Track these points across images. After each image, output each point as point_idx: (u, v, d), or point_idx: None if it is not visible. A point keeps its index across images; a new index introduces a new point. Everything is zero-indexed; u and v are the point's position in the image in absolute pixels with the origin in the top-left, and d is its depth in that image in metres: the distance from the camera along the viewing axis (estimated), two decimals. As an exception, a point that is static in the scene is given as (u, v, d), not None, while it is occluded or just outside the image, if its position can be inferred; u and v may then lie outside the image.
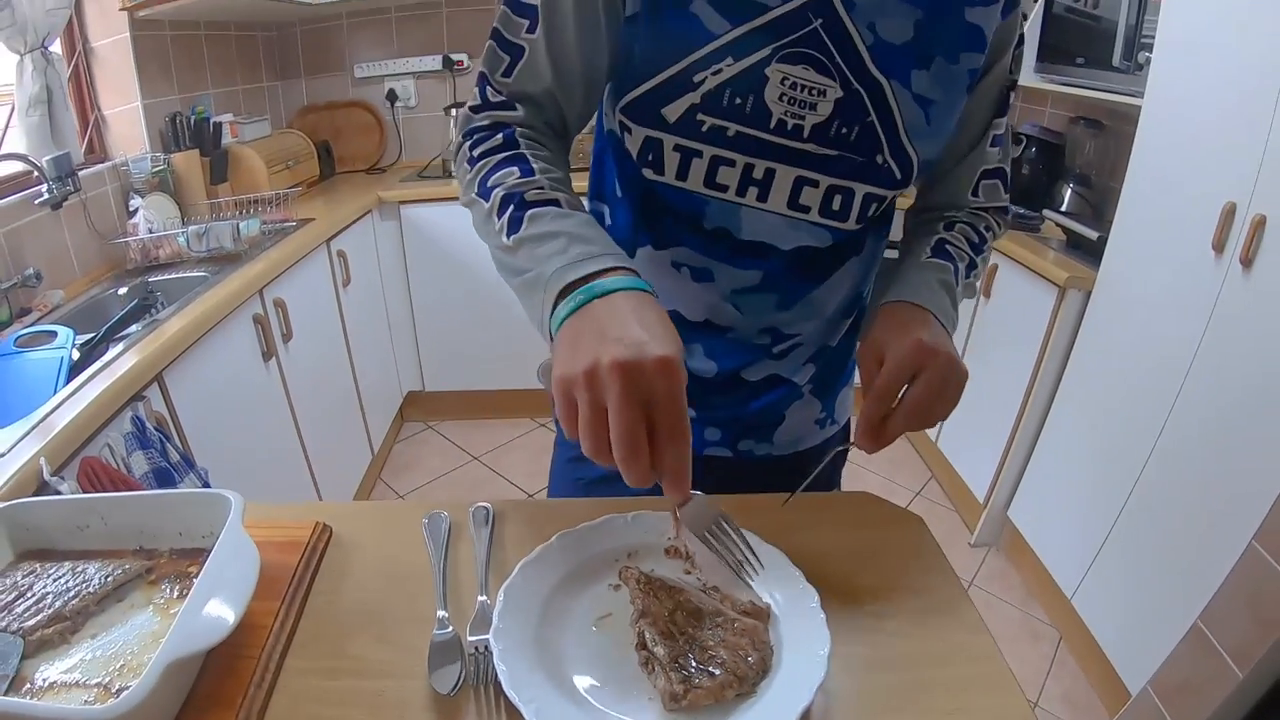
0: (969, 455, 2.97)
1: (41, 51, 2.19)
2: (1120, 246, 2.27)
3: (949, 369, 0.80)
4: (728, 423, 1.08)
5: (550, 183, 0.81)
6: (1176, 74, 2.07)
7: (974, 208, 1.04)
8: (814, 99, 0.84)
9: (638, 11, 0.84)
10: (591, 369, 0.61)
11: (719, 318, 1.00)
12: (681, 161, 0.89)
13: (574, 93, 0.89)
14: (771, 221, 0.92)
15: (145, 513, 0.81)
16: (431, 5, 3.64)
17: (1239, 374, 1.81)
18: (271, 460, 2.24)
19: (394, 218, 3.19)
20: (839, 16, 0.82)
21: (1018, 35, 0.93)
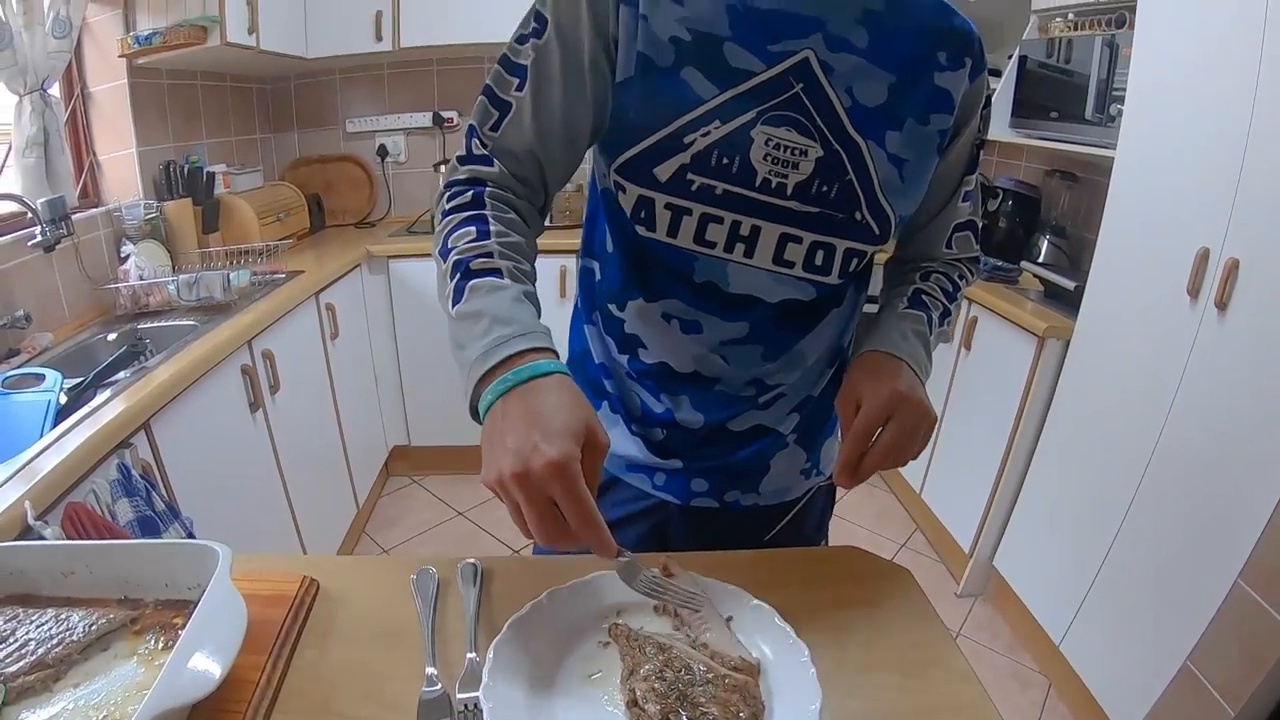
0: (953, 507, 2.96)
1: (40, 94, 2.19)
2: (1097, 295, 2.30)
3: (919, 414, 0.88)
4: (714, 473, 1.08)
5: (500, 248, 0.85)
6: (1147, 125, 2.12)
7: (948, 258, 1.10)
8: (796, 158, 0.88)
9: (630, 76, 0.88)
10: (498, 480, 0.68)
11: (706, 369, 1.02)
12: (672, 219, 0.92)
13: (554, 152, 0.93)
14: (758, 276, 0.95)
15: (131, 562, 0.80)
16: (422, 63, 3.69)
17: (1217, 416, 1.83)
18: (256, 512, 2.21)
19: (383, 272, 3.20)
20: (819, 81, 0.87)
21: (985, 97, 0.98)
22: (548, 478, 0.66)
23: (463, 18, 3.22)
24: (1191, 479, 1.89)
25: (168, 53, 2.56)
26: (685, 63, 0.87)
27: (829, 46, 0.87)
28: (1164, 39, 2.06)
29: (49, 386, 1.68)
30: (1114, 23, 2.52)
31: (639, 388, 1.06)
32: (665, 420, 1.05)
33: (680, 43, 0.87)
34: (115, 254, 2.48)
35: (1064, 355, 2.41)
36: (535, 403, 0.71)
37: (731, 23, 0.87)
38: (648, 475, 1.09)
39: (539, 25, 0.90)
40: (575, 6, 0.88)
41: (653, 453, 1.07)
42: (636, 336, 1.03)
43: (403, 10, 3.22)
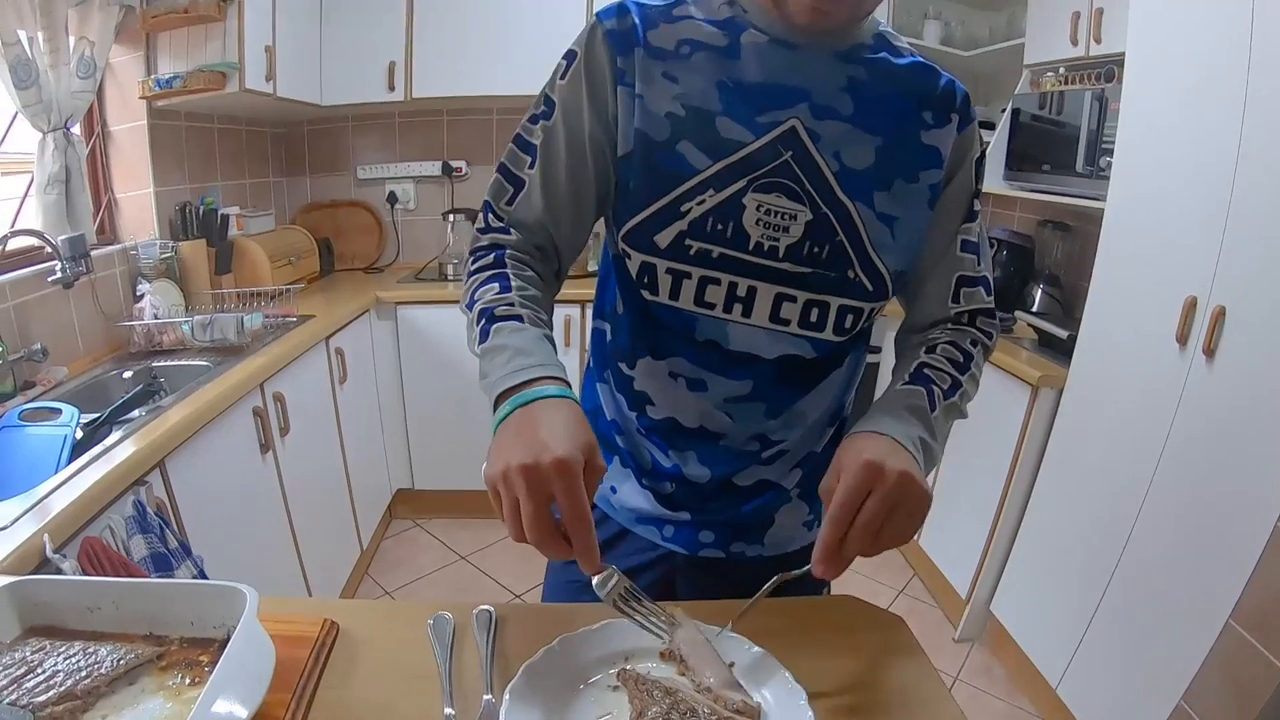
0: (950, 552, 2.97)
1: (64, 132, 2.23)
2: (1089, 344, 2.33)
3: (901, 488, 0.79)
4: (721, 526, 1.10)
5: (521, 300, 0.93)
6: (1135, 176, 2.17)
7: (957, 318, 1.07)
8: (786, 222, 0.93)
9: (630, 151, 0.95)
10: (504, 472, 0.73)
11: (712, 424, 1.04)
12: (674, 283, 0.97)
13: (564, 224, 1.02)
14: (756, 334, 0.98)
15: (158, 601, 0.81)
16: (433, 114, 3.75)
17: (1207, 460, 1.86)
18: (264, 551, 2.22)
19: (390, 317, 3.23)
20: (806, 148, 0.92)
21: (977, 145, 1.01)
22: (553, 474, 0.71)
23: (473, 71, 3.30)
24: (1182, 522, 1.92)
25: (187, 96, 2.62)
26: (681, 137, 0.93)
27: (815, 115, 0.93)
28: (1150, 94, 2.11)
29: (65, 421, 1.70)
30: (1103, 77, 2.59)
31: (648, 443, 1.09)
32: (673, 474, 1.08)
33: (675, 118, 0.93)
34: (130, 291, 2.51)
35: (1058, 402, 2.44)
36: (548, 414, 0.78)
37: (722, 98, 0.93)
38: (657, 527, 1.11)
39: (547, 108, 0.99)
40: (578, 90, 0.96)
41: (662, 505, 1.10)
42: (645, 394, 1.06)
43: (415, 62, 3.30)
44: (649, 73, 0.94)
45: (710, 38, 0.94)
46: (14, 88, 2.05)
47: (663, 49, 0.94)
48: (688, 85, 0.93)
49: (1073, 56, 2.74)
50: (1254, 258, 1.76)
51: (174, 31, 2.63)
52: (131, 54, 2.62)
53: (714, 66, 0.94)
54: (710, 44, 0.94)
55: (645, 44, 0.94)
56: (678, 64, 0.94)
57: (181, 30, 2.62)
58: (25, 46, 2.07)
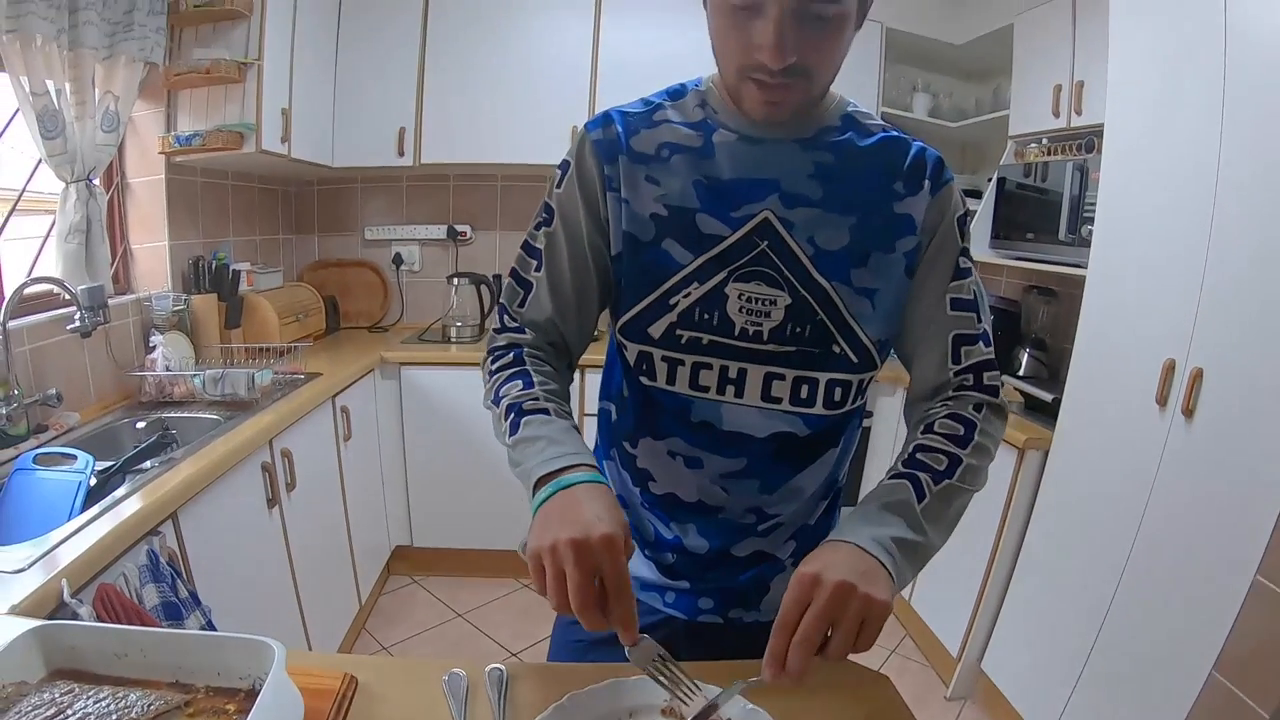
0: (941, 612, 2.94)
1: (86, 183, 2.25)
2: (1073, 406, 2.36)
3: (840, 600, 0.77)
4: (719, 593, 1.14)
5: (545, 394, 0.98)
6: (1115, 243, 2.21)
7: (961, 382, 1.03)
8: (767, 308, 0.98)
9: (621, 251, 1.02)
10: (553, 545, 0.76)
11: (710, 499, 1.09)
12: (669, 370, 1.03)
13: (570, 320, 1.09)
14: (749, 413, 1.03)
15: (186, 651, 0.82)
16: (440, 178, 3.80)
17: (1188, 518, 1.88)
18: (267, 603, 2.19)
19: (394, 377, 3.22)
20: (781, 237, 0.97)
21: (956, 205, 1.01)
22: (602, 548, 0.76)
23: (480, 139, 3.36)
24: (1165, 578, 1.94)
25: (205, 154, 2.65)
26: (665, 235, 0.99)
27: (785, 204, 0.97)
28: (1128, 163, 2.17)
29: (81, 468, 1.69)
30: (1084, 148, 2.66)
31: (651, 516, 1.14)
32: (674, 545, 1.12)
33: (659, 218, 1.00)
34: (143, 341, 2.51)
35: (1043, 464, 2.46)
36: (590, 496, 0.83)
37: (699, 195, 0.99)
38: (659, 594, 1.15)
39: (548, 215, 1.06)
40: (574, 198, 1.04)
41: (663, 574, 1.15)
42: (647, 471, 1.11)
43: (425, 129, 3.35)
44: (633, 178, 1.00)
45: (686, 139, 1.00)
46: (41, 137, 2.08)
47: (644, 154, 1.01)
48: (668, 186, 1.00)
49: (1055, 128, 2.82)
50: (1229, 321, 1.80)
51: (194, 90, 2.67)
52: (153, 109, 2.66)
53: (690, 166, 0.99)
54: (686, 145, 1.00)
55: (628, 151, 1.01)
56: (658, 167, 1.00)
57: (202, 89, 2.67)
58: (53, 98, 2.10)
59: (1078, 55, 2.69)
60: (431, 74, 3.32)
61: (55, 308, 2.16)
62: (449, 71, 3.32)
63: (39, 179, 2.33)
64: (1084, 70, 2.65)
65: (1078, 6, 2.69)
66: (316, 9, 3.08)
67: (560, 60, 3.33)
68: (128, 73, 2.34)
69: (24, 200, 2.33)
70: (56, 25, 2.03)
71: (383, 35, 3.31)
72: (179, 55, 2.66)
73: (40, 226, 2.40)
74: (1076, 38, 2.70)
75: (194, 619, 1.57)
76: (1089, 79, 2.62)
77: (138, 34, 2.33)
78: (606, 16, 3.33)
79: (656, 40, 3.21)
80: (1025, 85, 3.01)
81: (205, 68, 2.56)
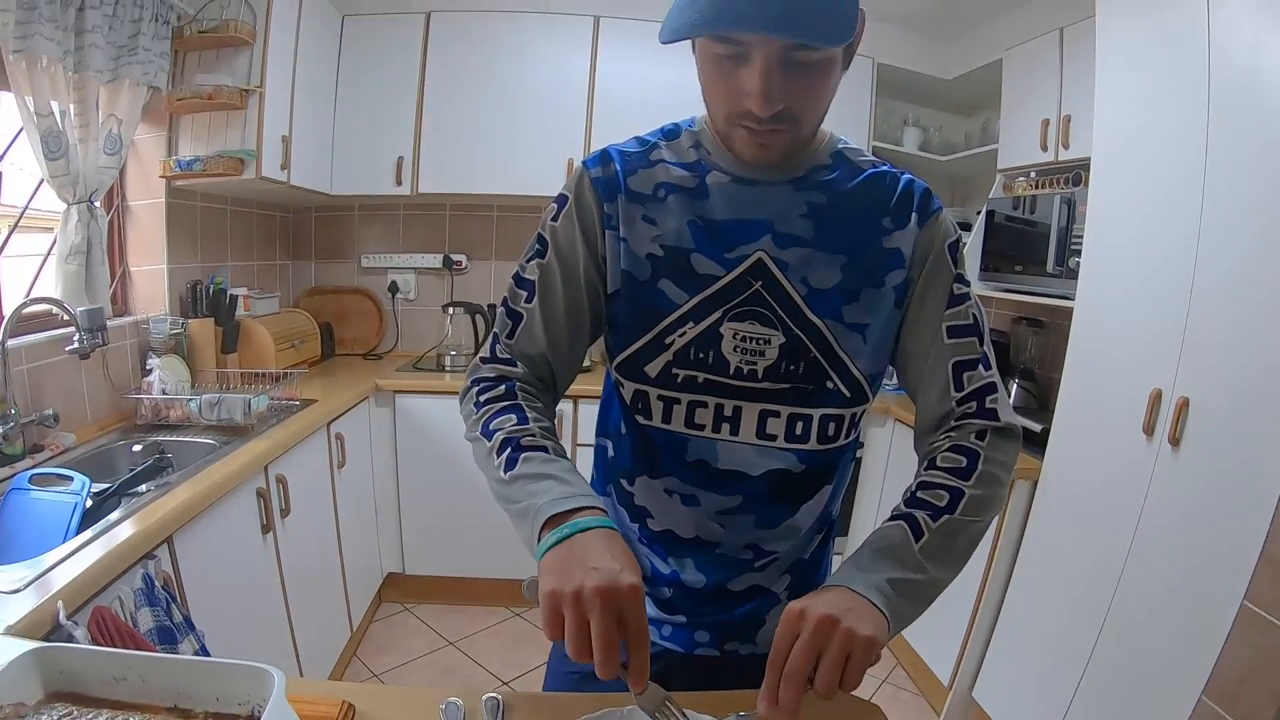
0: (932, 641, 2.92)
1: (88, 205, 2.24)
2: (1061, 436, 2.36)
3: (824, 632, 0.77)
4: (715, 627, 1.13)
5: (541, 431, 0.97)
6: (1101, 275, 2.23)
7: (964, 410, 1.02)
8: (762, 346, 0.98)
9: (618, 289, 1.02)
10: (577, 591, 0.74)
11: (707, 535, 1.08)
12: (665, 408, 1.03)
13: (561, 353, 1.07)
14: (744, 451, 1.03)
15: (186, 676, 0.80)
16: (437, 207, 3.80)
17: (1176, 544, 1.89)
18: (260, 629, 2.15)
19: (389, 405, 3.20)
20: (774, 276, 0.98)
21: (946, 233, 1.01)
22: (627, 597, 0.74)
23: (477, 170, 3.37)
24: (1155, 605, 1.94)
25: (205, 179, 2.65)
26: (661, 275, 1.00)
27: (778, 244, 0.98)
28: (1114, 196, 2.19)
29: (77, 490, 1.67)
30: (1071, 181, 2.68)
31: (649, 551, 1.13)
32: (671, 580, 1.11)
33: (655, 259, 1.00)
34: (139, 364, 2.49)
35: (1033, 494, 2.46)
36: (609, 543, 0.80)
37: (694, 236, 0.99)
38: (656, 627, 1.14)
39: (541, 247, 1.04)
40: (571, 231, 1.03)
41: (660, 609, 1.13)
42: (645, 508, 1.10)
43: (423, 159, 3.36)
44: (631, 217, 1.01)
45: (681, 180, 1.01)
46: (44, 158, 2.07)
47: (641, 194, 1.01)
48: (664, 227, 1.00)
49: (1043, 161, 2.84)
50: (1214, 351, 1.82)
51: (196, 115, 2.68)
52: (155, 133, 2.66)
53: (686, 207, 1.00)
54: (681, 186, 1.01)
55: (627, 190, 1.01)
56: (655, 206, 1.01)
57: (204, 114, 2.67)
58: (58, 119, 2.09)
59: (1065, 90, 2.72)
60: (430, 105, 3.34)
61: (54, 328, 2.14)
62: (447, 102, 3.34)
63: (39, 197, 2.32)
64: (1071, 105, 2.68)
65: (1065, 42, 2.73)
66: (318, 39, 3.10)
67: (557, 93, 3.36)
68: (131, 96, 2.33)
69: (25, 218, 2.32)
70: (63, 47, 2.03)
71: (383, 66, 3.33)
72: (182, 80, 2.66)
73: (39, 244, 2.39)
74: (1064, 73, 2.73)
75: (188, 644, 1.54)
76: (1076, 113, 2.65)
77: (142, 58, 2.33)
78: (603, 51, 3.36)
79: (652, 75, 3.23)
80: (1013, 119, 3.04)
81: (208, 93, 2.56)
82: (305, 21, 2.93)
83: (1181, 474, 1.89)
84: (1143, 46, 2.08)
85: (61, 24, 2.01)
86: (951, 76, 3.49)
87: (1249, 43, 1.76)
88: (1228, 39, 1.80)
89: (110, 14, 2.19)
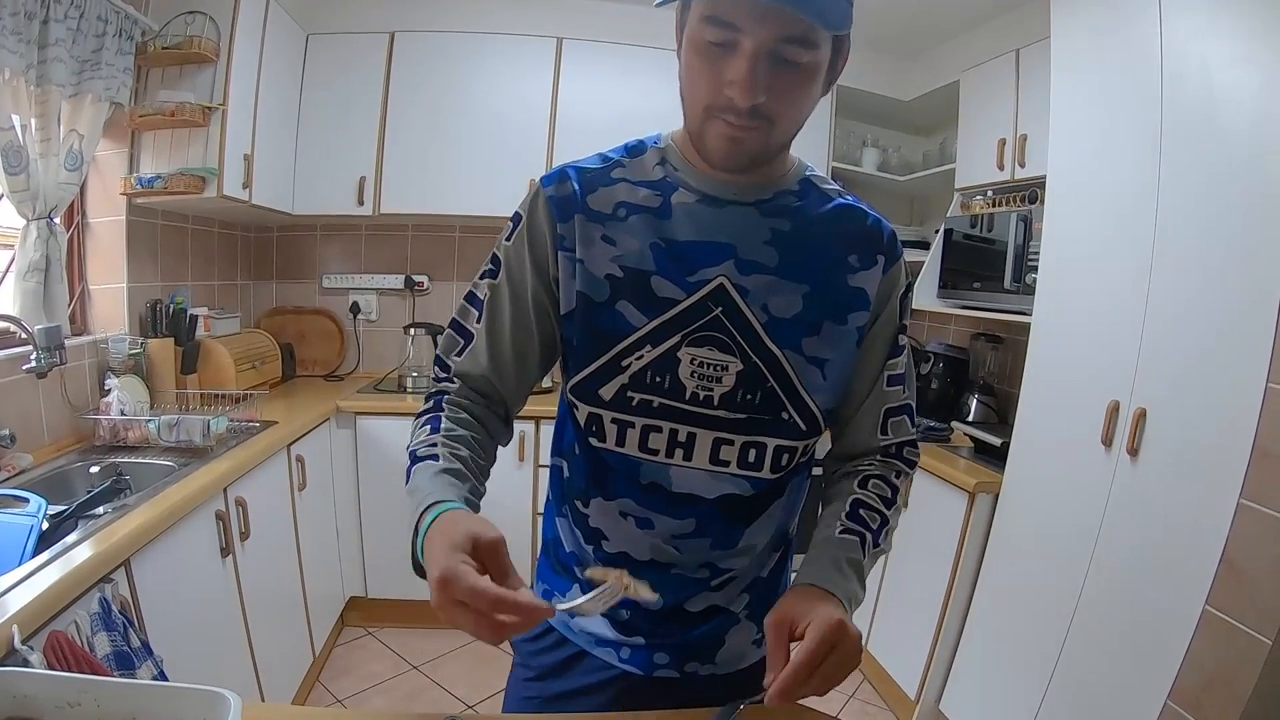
0: (897, 655, 2.92)
1: (48, 221, 2.19)
2: (1021, 449, 2.39)
3: (855, 650, 0.84)
4: (674, 648, 1.11)
5: (444, 439, 0.96)
6: (1058, 290, 2.27)
7: (884, 448, 1.11)
8: (719, 373, 0.97)
9: (573, 309, 0.99)
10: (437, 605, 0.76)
11: (662, 557, 1.06)
12: (619, 432, 1.00)
13: (508, 377, 1.05)
14: (697, 476, 1.01)
15: (142, 701, 0.78)
16: (398, 228, 3.78)
17: (1137, 553, 1.92)
18: (220, 654, 2.09)
19: (350, 426, 3.15)
20: (735, 303, 0.96)
21: (903, 281, 1.05)
22: (444, 597, 0.74)
23: (439, 190, 3.35)
24: (1118, 612, 1.96)
25: (166, 197, 2.60)
26: (620, 297, 0.97)
27: (740, 270, 0.96)
28: (1070, 213, 2.24)
29: (33, 512, 1.61)
30: (1027, 199, 2.72)
31: None
32: (628, 602, 1.06)
33: (614, 279, 0.97)
34: (98, 384, 2.43)
35: (994, 507, 2.48)
36: (430, 545, 0.81)
37: (655, 258, 0.97)
38: (614, 650, 1.12)
39: (494, 266, 1.04)
40: (521, 253, 1.01)
41: (618, 631, 1.11)
42: (600, 530, 1.08)
43: (385, 179, 3.33)
44: (589, 236, 0.98)
45: (644, 199, 0.99)
46: (4, 172, 2.02)
47: (601, 212, 0.99)
48: (624, 247, 0.97)
49: (999, 180, 2.90)
50: (1168, 362, 1.86)
51: (158, 132, 2.63)
52: (116, 149, 2.61)
53: (648, 228, 0.98)
54: (644, 205, 0.99)
55: (585, 209, 0.98)
56: (615, 226, 0.98)
57: (166, 131, 2.63)
58: (18, 133, 2.04)
59: (1021, 110, 2.78)
60: (392, 125, 3.32)
61: (10, 346, 2.08)
62: (410, 123, 3.33)
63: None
64: (1027, 124, 2.74)
65: (1021, 63, 2.80)
66: (282, 57, 3.07)
67: (519, 114, 3.36)
68: (93, 111, 2.29)
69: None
70: (25, 60, 1.98)
71: (346, 86, 3.30)
72: (145, 96, 2.61)
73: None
74: (1020, 93, 2.79)
75: (146, 669, 1.50)
76: (1031, 133, 2.70)
77: (105, 73, 2.29)
78: (565, 72, 3.37)
79: (614, 95, 3.25)
80: (970, 139, 3.09)
81: (170, 110, 2.52)
82: (269, 40, 2.91)
83: (1141, 483, 1.92)
84: (1096, 67, 2.13)
85: (25, 36, 1.97)
86: (910, 98, 3.54)
87: (1199, 63, 1.82)
88: (1180, 59, 1.85)
89: (74, 28, 2.15)
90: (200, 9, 2.58)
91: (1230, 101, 1.74)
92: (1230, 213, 1.73)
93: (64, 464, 2.12)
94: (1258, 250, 1.66)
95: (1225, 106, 1.75)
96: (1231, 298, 1.72)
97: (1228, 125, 1.74)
